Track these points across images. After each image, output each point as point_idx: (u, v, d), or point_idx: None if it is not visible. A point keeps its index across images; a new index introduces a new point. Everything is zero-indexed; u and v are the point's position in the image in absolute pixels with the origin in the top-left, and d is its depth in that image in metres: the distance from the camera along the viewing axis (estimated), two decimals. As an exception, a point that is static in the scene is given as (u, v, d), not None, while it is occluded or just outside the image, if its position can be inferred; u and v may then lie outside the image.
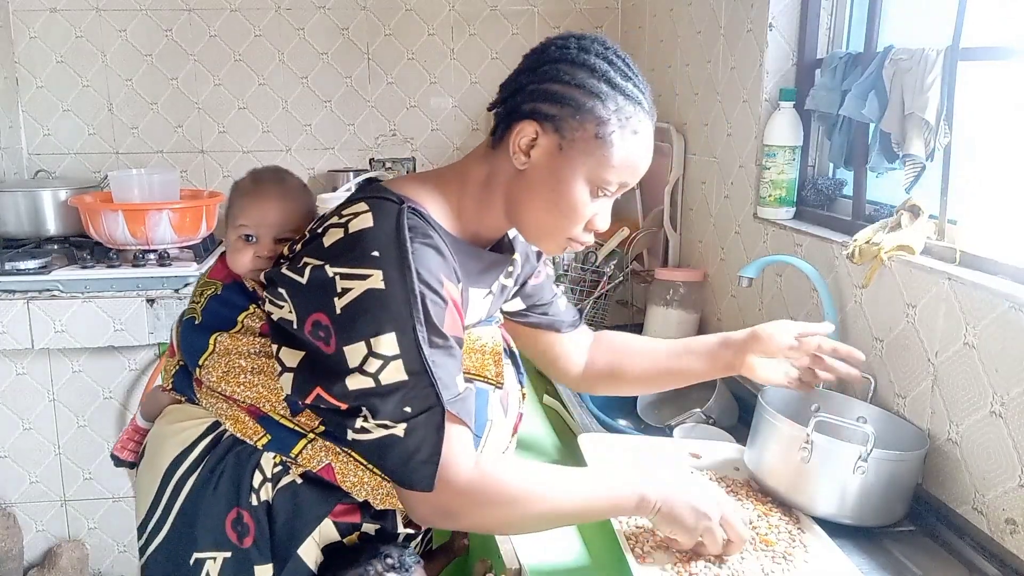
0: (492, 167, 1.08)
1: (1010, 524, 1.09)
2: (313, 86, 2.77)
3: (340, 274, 0.97)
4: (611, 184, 1.04)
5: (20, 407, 2.26)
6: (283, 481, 1.09)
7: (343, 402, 0.98)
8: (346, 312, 0.96)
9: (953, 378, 1.19)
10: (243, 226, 1.18)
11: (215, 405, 1.12)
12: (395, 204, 1.01)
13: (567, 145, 1.01)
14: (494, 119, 1.08)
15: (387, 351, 0.96)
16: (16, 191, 2.40)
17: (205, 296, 1.18)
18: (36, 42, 2.64)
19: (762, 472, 1.26)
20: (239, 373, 1.10)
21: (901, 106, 1.37)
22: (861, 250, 1.35)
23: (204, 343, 1.13)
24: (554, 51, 1.03)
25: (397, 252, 0.96)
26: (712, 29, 2.00)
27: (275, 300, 1.05)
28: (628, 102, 1.02)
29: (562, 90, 1.01)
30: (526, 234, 1.12)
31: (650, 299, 2.05)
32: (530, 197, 1.05)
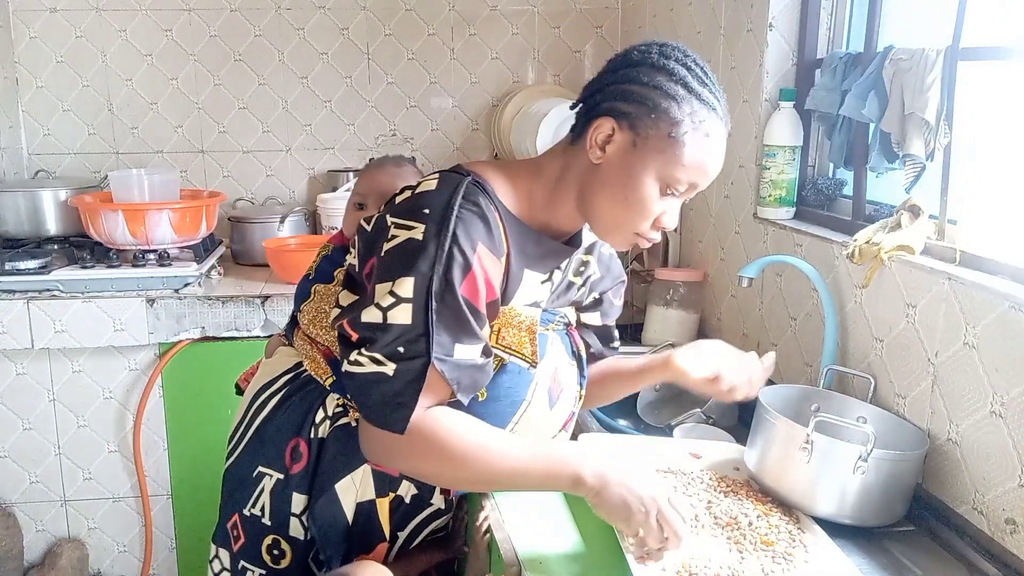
0: (568, 161, 1.13)
1: (1010, 524, 1.09)
2: (313, 86, 2.77)
3: (395, 223, 1.07)
4: (681, 183, 1.08)
5: (20, 407, 2.26)
6: (340, 421, 1.18)
7: (354, 331, 1.05)
8: (388, 254, 1.05)
9: (953, 378, 1.19)
10: (357, 194, 1.36)
11: (302, 346, 1.25)
12: (461, 176, 1.10)
13: (641, 143, 1.06)
14: (575, 117, 1.14)
15: (403, 293, 1.03)
16: (16, 191, 2.40)
17: (320, 256, 1.33)
18: (36, 42, 2.64)
19: (762, 472, 1.25)
20: (323, 318, 1.22)
21: (901, 106, 1.37)
22: (861, 250, 1.35)
23: (307, 293, 1.28)
24: (636, 55, 1.08)
25: (443, 212, 1.04)
26: (712, 29, 2.00)
27: (352, 249, 1.17)
28: (703, 106, 1.06)
29: (640, 91, 1.06)
30: (596, 227, 1.16)
31: (650, 299, 2.05)
32: (602, 190, 1.10)
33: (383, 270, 1.05)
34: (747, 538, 1.13)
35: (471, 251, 1.04)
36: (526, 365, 1.15)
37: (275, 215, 2.54)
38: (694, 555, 1.09)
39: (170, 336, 2.18)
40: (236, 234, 2.57)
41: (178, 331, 2.18)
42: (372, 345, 1.04)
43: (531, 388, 1.16)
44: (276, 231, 2.52)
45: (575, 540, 1.19)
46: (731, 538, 1.13)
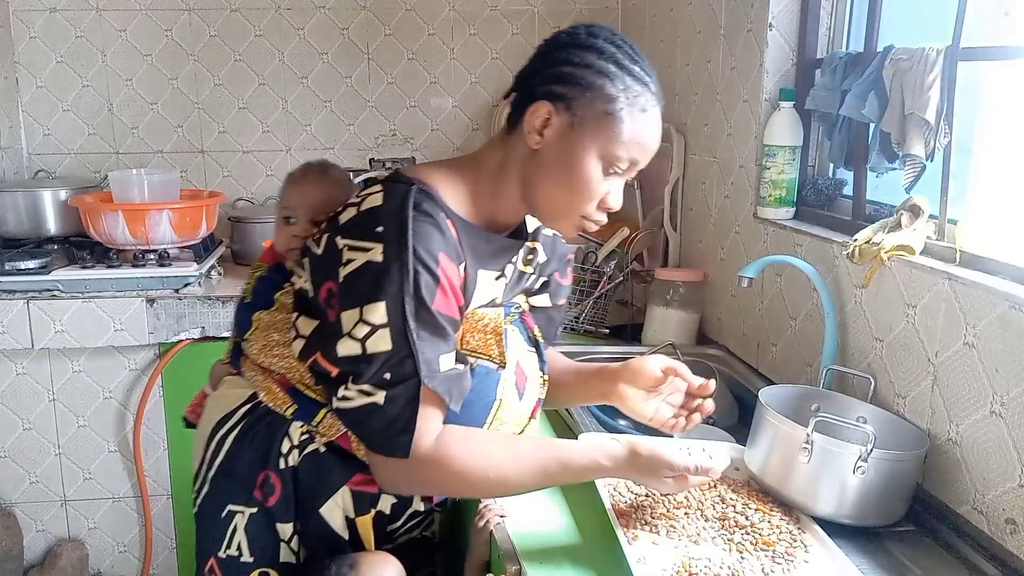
0: (507, 152, 1.13)
1: (1010, 524, 1.09)
2: (313, 86, 2.77)
3: (348, 245, 1.04)
4: (622, 160, 1.09)
5: (20, 407, 2.26)
6: (308, 448, 1.16)
7: (334, 367, 1.04)
8: (347, 280, 1.02)
9: (953, 378, 1.19)
10: (285, 208, 1.28)
11: (254, 377, 1.21)
12: (406, 186, 1.07)
13: (578, 123, 1.06)
14: (509, 107, 1.13)
15: (376, 319, 1.01)
16: (16, 191, 2.40)
17: (254, 277, 1.28)
18: (36, 42, 2.63)
19: (762, 472, 1.25)
20: (274, 346, 1.18)
21: (901, 106, 1.37)
22: (861, 250, 1.35)
23: (248, 321, 1.22)
24: (565, 37, 1.10)
25: (398, 228, 1.02)
26: (712, 29, 2.00)
27: (299, 271, 1.14)
28: (635, 82, 1.07)
29: (573, 71, 1.06)
30: (542, 215, 1.16)
31: (650, 299, 2.05)
32: (545, 176, 1.10)
33: (347, 297, 1.03)
34: (747, 538, 1.13)
35: (435, 264, 1.03)
36: (495, 366, 1.15)
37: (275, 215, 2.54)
38: (694, 555, 1.09)
39: (170, 336, 2.18)
40: (236, 234, 2.57)
41: (178, 331, 2.18)
42: (358, 378, 1.02)
43: (500, 386, 1.16)
44: (276, 231, 2.52)
45: (575, 538, 1.19)
46: (731, 538, 1.13)
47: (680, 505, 1.21)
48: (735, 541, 1.12)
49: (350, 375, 1.03)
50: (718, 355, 1.92)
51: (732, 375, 1.82)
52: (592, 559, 1.14)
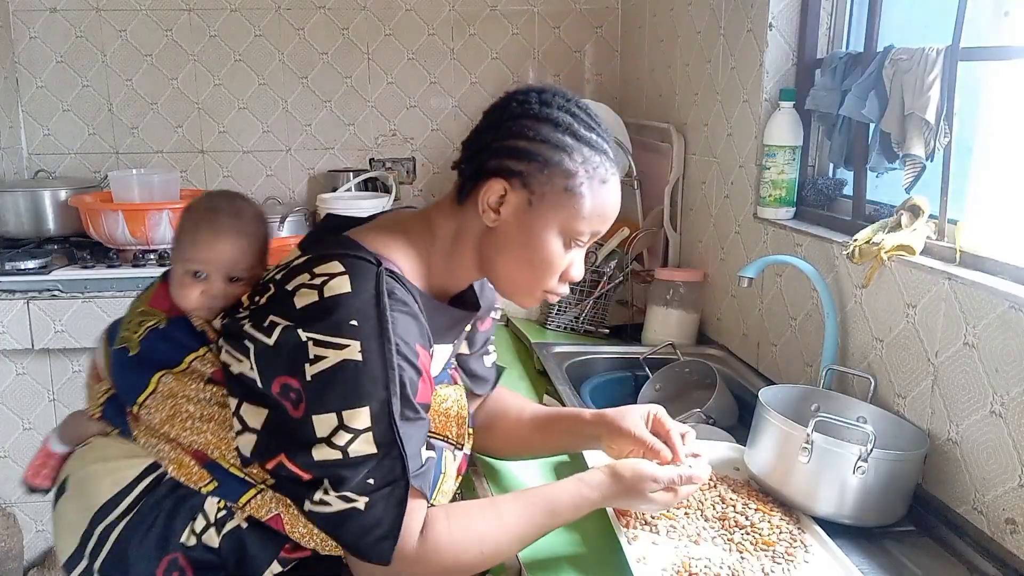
0: (460, 224, 1.07)
1: (1010, 524, 1.09)
2: (313, 86, 2.78)
3: (314, 340, 0.93)
4: (583, 234, 1.05)
5: (20, 407, 2.26)
6: (228, 526, 1.05)
7: (306, 472, 0.95)
8: (318, 380, 0.93)
9: (953, 378, 1.19)
10: (192, 261, 1.11)
11: (156, 446, 1.07)
12: (372, 265, 0.98)
13: (537, 200, 1.02)
14: (459, 176, 1.07)
15: (359, 425, 0.93)
16: (16, 191, 2.40)
17: (144, 327, 1.11)
18: (36, 42, 2.64)
19: (762, 472, 1.25)
20: (187, 418, 1.05)
21: (901, 106, 1.37)
22: (861, 250, 1.35)
23: (144, 381, 1.07)
24: (515, 107, 1.03)
25: (377, 323, 0.94)
26: (712, 29, 2.00)
27: (234, 353, 1.00)
28: (594, 152, 1.03)
29: (528, 146, 1.01)
30: (501, 289, 1.11)
31: (650, 299, 2.05)
32: (503, 254, 1.05)
33: (319, 399, 0.93)
34: (747, 538, 1.13)
35: (415, 356, 0.97)
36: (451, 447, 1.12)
37: (275, 215, 2.54)
38: (694, 555, 1.09)
39: (170, 336, 2.18)
40: (236, 234, 2.56)
41: (178, 331, 2.17)
42: (338, 485, 0.94)
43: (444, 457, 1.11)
44: (276, 231, 2.52)
45: (575, 540, 1.19)
46: (731, 538, 1.13)
47: (680, 505, 1.21)
48: (735, 541, 1.12)
49: (328, 481, 0.94)
50: (718, 355, 1.92)
51: (732, 375, 1.82)
52: (592, 559, 1.14)
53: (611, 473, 1.09)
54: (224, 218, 1.13)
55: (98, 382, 1.16)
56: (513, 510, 1.06)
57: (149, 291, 1.18)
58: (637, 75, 2.61)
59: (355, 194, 2.67)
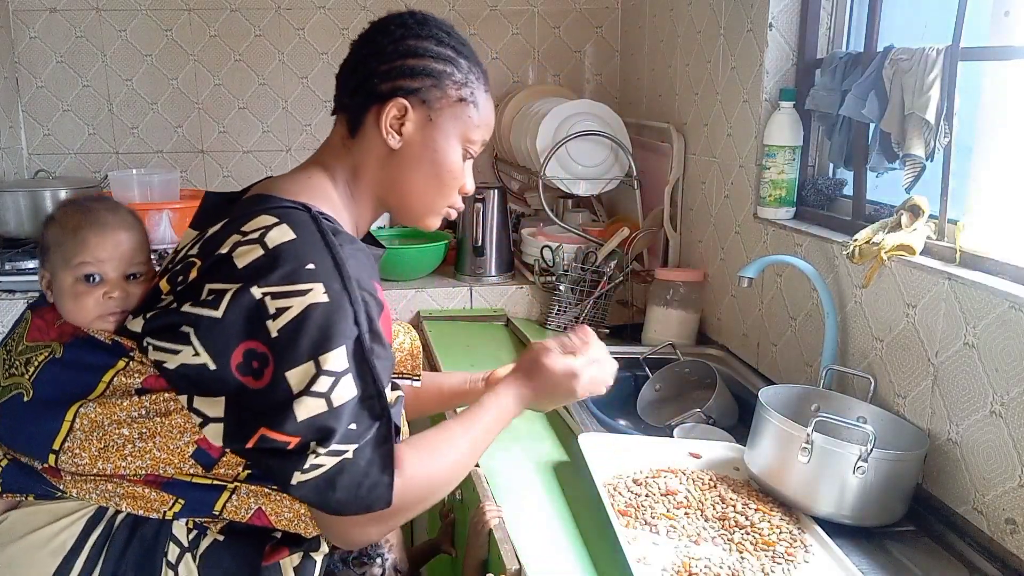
0: (357, 159, 1.07)
1: (1010, 524, 1.09)
2: (313, 86, 2.78)
3: (271, 293, 0.89)
4: (476, 143, 1.09)
5: (20, 407, 2.26)
6: (203, 545, 0.97)
7: (294, 436, 0.88)
8: (286, 333, 0.88)
9: (953, 378, 1.19)
10: (84, 264, 0.99)
11: (95, 490, 0.95)
12: (302, 211, 0.96)
13: (435, 114, 1.05)
14: (346, 113, 1.08)
15: (336, 367, 0.89)
16: (16, 191, 2.40)
17: (35, 364, 0.97)
18: (36, 42, 2.64)
19: (762, 472, 1.26)
20: (123, 444, 0.93)
21: (901, 106, 1.37)
22: (861, 250, 1.35)
23: (55, 424, 0.93)
24: (395, 30, 1.06)
25: (332, 261, 0.92)
26: (712, 29, 2.00)
27: (168, 346, 0.91)
28: (472, 64, 1.08)
29: (418, 63, 1.04)
30: (406, 214, 1.12)
31: (650, 299, 2.05)
32: (409, 175, 1.06)
33: (290, 353, 0.88)
34: (747, 538, 1.13)
35: (374, 291, 0.96)
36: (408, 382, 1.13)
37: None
38: (694, 555, 1.09)
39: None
40: (236, 234, 2.56)
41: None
42: (328, 439, 0.88)
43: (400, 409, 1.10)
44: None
45: (575, 538, 1.19)
46: (731, 538, 1.13)
47: (680, 505, 1.21)
48: (735, 541, 1.12)
49: (316, 440, 0.88)
50: (718, 355, 1.92)
51: (732, 375, 1.82)
52: (592, 559, 1.14)
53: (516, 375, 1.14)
54: (104, 213, 1.02)
55: None
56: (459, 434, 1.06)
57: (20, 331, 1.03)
58: (637, 75, 2.61)
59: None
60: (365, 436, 0.91)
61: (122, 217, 1.04)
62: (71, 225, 1.01)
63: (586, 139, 2.26)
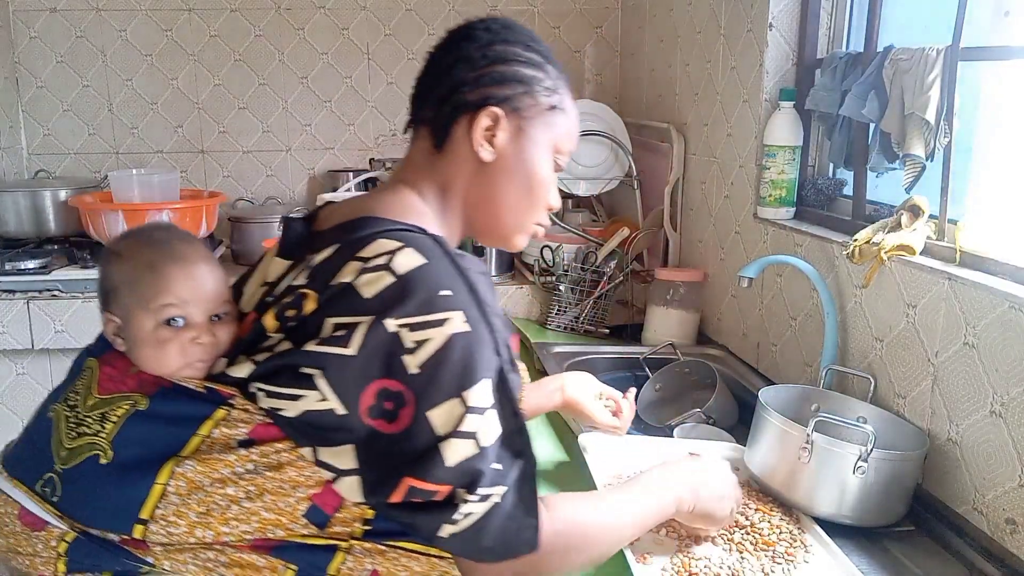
0: (444, 175, 0.99)
1: (1010, 524, 1.09)
2: (313, 86, 2.78)
3: (407, 325, 0.80)
4: (565, 154, 1.03)
5: (20, 407, 2.26)
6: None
7: (443, 485, 0.80)
8: (426, 369, 0.80)
9: (953, 378, 1.19)
10: (168, 306, 0.88)
11: (194, 560, 0.83)
12: (419, 233, 0.89)
13: (527, 123, 0.98)
14: (430, 126, 1.00)
15: (483, 402, 0.81)
16: (16, 191, 2.40)
17: (114, 420, 0.85)
18: (36, 42, 2.64)
19: (762, 472, 1.25)
20: (228, 506, 0.82)
21: (901, 106, 1.37)
22: (861, 250, 1.35)
23: (144, 487, 0.82)
24: (481, 35, 0.98)
25: (466, 287, 0.85)
26: (712, 29, 2.00)
27: (286, 392, 0.82)
28: (556, 69, 1.01)
29: (508, 69, 0.97)
30: (494, 233, 1.03)
31: (650, 299, 2.05)
32: (501, 189, 0.99)
33: (432, 388, 0.80)
34: (747, 538, 1.13)
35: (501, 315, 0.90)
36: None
37: (275, 215, 2.54)
38: (694, 555, 1.09)
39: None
40: (236, 234, 2.57)
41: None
42: (476, 484, 0.80)
43: None
44: (276, 231, 2.52)
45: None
46: (731, 538, 1.13)
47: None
48: (735, 541, 1.12)
49: (467, 485, 0.80)
50: (718, 355, 1.92)
51: (732, 375, 1.82)
52: (592, 559, 1.14)
53: (691, 474, 1.10)
54: (179, 245, 0.92)
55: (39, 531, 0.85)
56: (619, 498, 1.00)
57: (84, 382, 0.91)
58: (637, 75, 2.61)
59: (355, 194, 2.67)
60: (510, 476, 0.84)
61: (198, 249, 0.93)
62: (145, 260, 0.90)
63: (586, 139, 2.26)
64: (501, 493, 0.82)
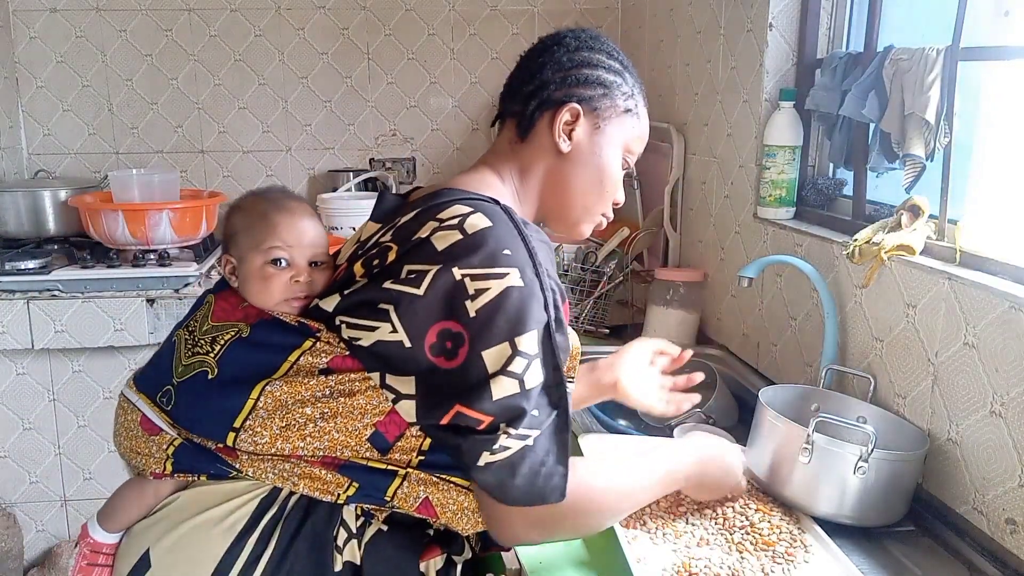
0: (524, 162, 1.12)
1: (1010, 524, 1.09)
2: (313, 86, 2.78)
3: (470, 275, 0.91)
4: (634, 154, 1.15)
5: (20, 407, 2.26)
6: (368, 533, 0.98)
7: (488, 415, 0.89)
8: (484, 313, 0.90)
9: (953, 378, 1.19)
10: (275, 248, 1.04)
11: (272, 469, 0.96)
12: (492, 203, 1.01)
13: (603, 122, 1.10)
14: (516, 118, 1.11)
15: (530, 349, 0.91)
16: (16, 191, 2.40)
17: (221, 343, 0.99)
18: (36, 42, 2.64)
19: (762, 472, 1.26)
20: (305, 424, 0.94)
21: (901, 106, 1.37)
22: (861, 250, 1.35)
23: (239, 402, 0.95)
24: (571, 41, 1.11)
25: (525, 249, 0.95)
26: (712, 29, 2.00)
27: (364, 323, 0.94)
28: (635, 79, 1.14)
29: (593, 73, 1.09)
30: (563, 219, 1.15)
31: (650, 299, 2.05)
32: (574, 178, 1.11)
33: (487, 331, 0.90)
34: (747, 538, 1.13)
35: (557, 281, 0.99)
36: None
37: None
38: (694, 555, 1.09)
39: (170, 336, 2.18)
40: (236, 234, 2.56)
41: (178, 331, 2.18)
42: (517, 421, 0.89)
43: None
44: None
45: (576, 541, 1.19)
46: (731, 538, 1.13)
47: (680, 505, 1.21)
48: (735, 541, 1.12)
49: (508, 420, 0.89)
50: (718, 355, 1.92)
51: (732, 375, 1.82)
52: (592, 559, 1.14)
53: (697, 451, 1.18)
54: (290, 201, 1.10)
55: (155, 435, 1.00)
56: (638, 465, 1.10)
57: (202, 312, 1.07)
58: (637, 75, 2.61)
59: (355, 194, 2.67)
60: (545, 423, 0.92)
61: (304, 207, 1.10)
62: (259, 210, 1.07)
63: (586, 139, 2.26)
64: (535, 437, 0.90)
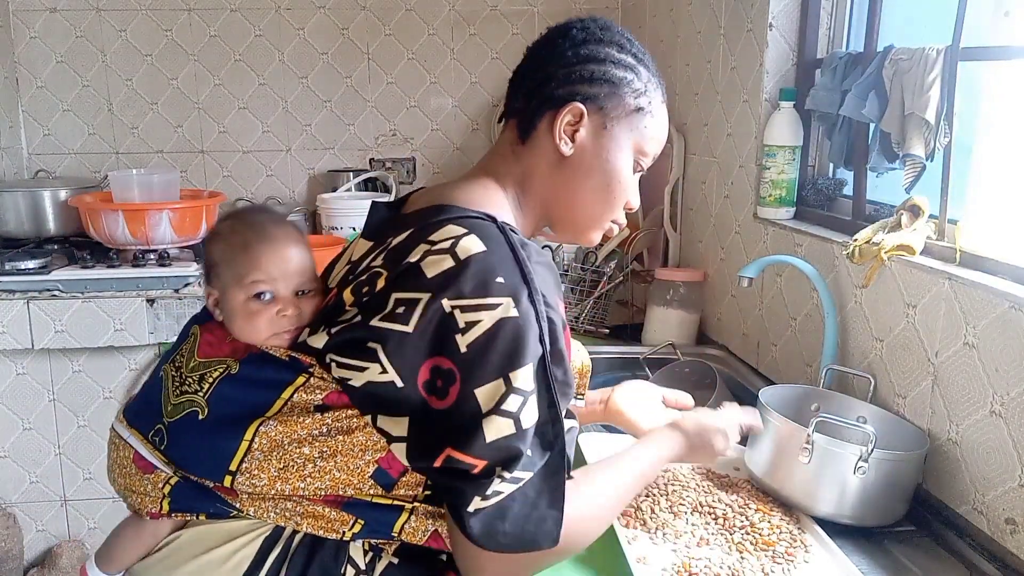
0: (526, 165, 1.02)
1: (1010, 524, 1.09)
2: (313, 86, 2.78)
3: (460, 306, 0.84)
4: (648, 156, 1.05)
5: (20, 407, 2.26)
6: (379, 568, 0.93)
7: (481, 459, 0.83)
8: (474, 348, 0.84)
9: (953, 378, 1.19)
10: (258, 282, 0.97)
11: (274, 508, 0.92)
12: (489, 222, 0.92)
13: (611, 122, 1.00)
14: (518, 117, 1.03)
15: (525, 385, 0.84)
16: (16, 191, 2.40)
17: (210, 380, 0.94)
18: (36, 42, 2.64)
19: (762, 472, 1.25)
20: (304, 464, 0.89)
21: (901, 106, 1.37)
22: (861, 250, 1.35)
23: (233, 443, 0.90)
24: (577, 33, 1.01)
25: (521, 276, 0.88)
26: (712, 29, 2.00)
27: (353, 363, 0.88)
28: (650, 73, 1.03)
29: (598, 68, 0.99)
30: (569, 227, 1.06)
31: (650, 299, 2.05)
32: (578, 184, 1.01)
33: (479, 368, 0.84)
34: (747, 538, 1.13)
35: (556, 308, 0.91)
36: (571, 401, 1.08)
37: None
38: (694, 555, 1.09)
39: (170, 336, 2.18)
40: (236, 234, 2.56)
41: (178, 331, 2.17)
42: (512, 464, 0.83)
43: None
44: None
45: (575, 540, 1.19)
46: (731, 538, 1.13)
47: (680, 505, 1.21)
48: (735, 541, 1.12)
49: (503, 463, 0.84)
50: (718, 355, 1.92)
51: (732, 375, 1.82)
52: (592, 559, 1.13)
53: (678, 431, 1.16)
54: (272, 227, 1.00)
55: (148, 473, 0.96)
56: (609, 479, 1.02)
57: (188, 346, 1.01)
58: (637, 75, 2.61)
59: (355, 194, 2.67)
60: (537, 465, 0.86)
61: (288, 231, 1.01)
62: (239, 240, 0.99)
63: (586, 139, 2.26)
64: (527, 479, 0.85)
